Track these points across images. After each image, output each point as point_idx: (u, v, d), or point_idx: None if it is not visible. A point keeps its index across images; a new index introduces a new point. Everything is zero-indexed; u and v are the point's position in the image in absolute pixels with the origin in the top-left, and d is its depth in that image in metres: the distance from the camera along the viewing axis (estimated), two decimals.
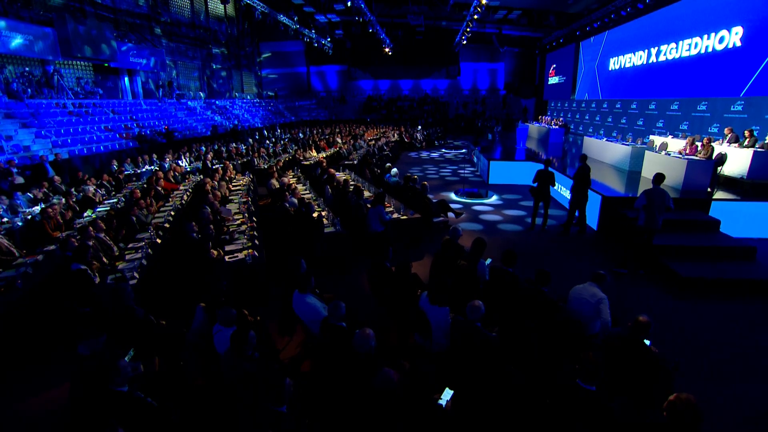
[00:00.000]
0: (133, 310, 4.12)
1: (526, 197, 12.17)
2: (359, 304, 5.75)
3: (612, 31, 19.46)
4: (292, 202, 8.52)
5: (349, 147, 18.51)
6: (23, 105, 14.97)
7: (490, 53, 36.62)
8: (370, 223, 7.60)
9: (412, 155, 21.86)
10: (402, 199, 9.05)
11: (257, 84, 35.30)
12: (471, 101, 37.18)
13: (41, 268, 5.81)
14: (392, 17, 30.23)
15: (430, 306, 4.09)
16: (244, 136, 22.12)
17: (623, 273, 6.82)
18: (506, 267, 4.79)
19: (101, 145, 14.89)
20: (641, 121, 17.10)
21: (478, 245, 5.18)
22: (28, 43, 16.01)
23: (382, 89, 39.22)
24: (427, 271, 6.20)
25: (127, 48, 20.03)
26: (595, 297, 4.07)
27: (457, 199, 12.16)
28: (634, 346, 3.31)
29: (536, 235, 9.04)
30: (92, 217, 7.40)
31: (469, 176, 15.87)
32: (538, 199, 9.18)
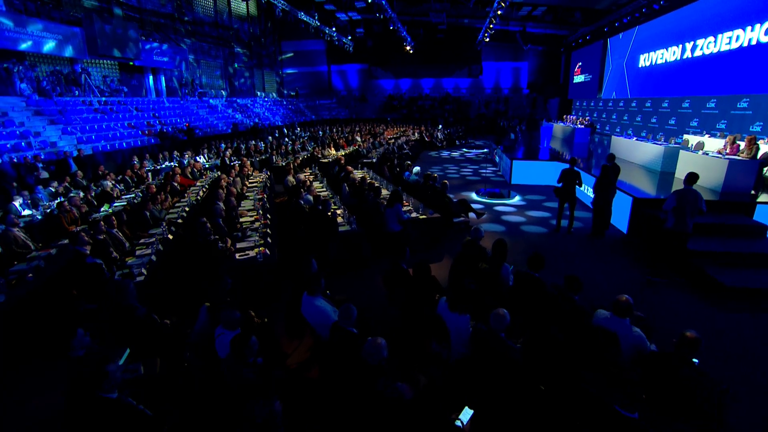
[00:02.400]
0: (134, 308, 3.92)
1: (551, 198, 11.64)
2: (373, 307, 5.44)
3: (643, 26, 18.58)
4: (307, 199, 8.28)
5: (368, 145, 18.24)
6: (52, 102, 15.27)
7: (513, 52, 35.80)
8: (387, 222, 7.29)
9: (432, 154, 21.46)
10: (421, 198, 8.71)
11: (278, 83, 35.45)
12: (493, 101, 36.43)
13: (54, 262, 5.72)
14: (413, 15, 29.85)
15: (450, 313, 3.75)
16: (263, 133, 22.13)
17: (662, 282, 6.28)
18: (532, 272, 4.40)
19: (124, 141, 15.06)
20: (673, 120, 16.25)
21: (501, 248, 4.80)
22: (58, 42, 16.33)
23: (402, 88, 38.84)
24: (446, 273, 5.85)
25: (151, 47, 20.27)
26: (629, 339, 3.33)
27: (478, 199, 11.73)
28: (682, 366, 2.89)
29: (561, 237, 8.56)
30: (108, 212, 7.32)
31: (491, 176, 15.38)
32: (563, 200, 8.71)
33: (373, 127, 27.17)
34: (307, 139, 20.77)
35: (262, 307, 5.23)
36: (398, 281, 4.74)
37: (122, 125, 16.20)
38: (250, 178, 11.48)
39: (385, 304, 5.35)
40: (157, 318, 4.19)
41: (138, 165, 11.91)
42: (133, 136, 15.86)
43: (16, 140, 12.62)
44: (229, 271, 5.38)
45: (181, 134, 17.42)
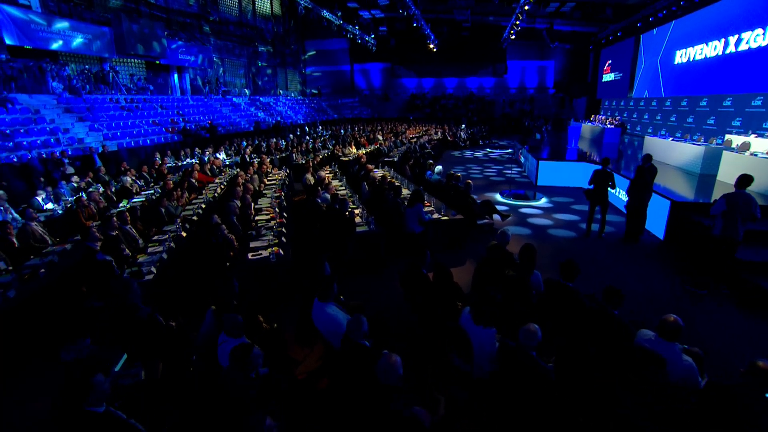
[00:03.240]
0: (137, 308, 3.70)
1: (579, 200, 11.06)
2: (391, 308, 5.11)
3: (680, 20, 17.59)
4: (325, 197, 8.02)
5: (390, 144, 17.91)
6: (81, 100, 15.55)
7: (540, 50, 34.84)
8: (407, 222, 6.95)
9: (455, 154, 20.97)
10: (443, 199, 8.32)
11: (301, 81, 35.49)
12: (518, 100, 35.52)
13: (68, 258, 5.61)
14: (437, 13, 29.32)
15: (474, 325, 3.38)
16: (285, 132, 22.08)
17: (702, 294, 5.72)
18: (565, 281, 3.98)
19: (148, 138, 15.18)
20: (712, 119, 15.28)
21: (530, 253, 4.39)
22: (87, 42, 16.63)
23: (425, 87, 38.34)
24: (468, 279, 5.47)
25: (176, 46, 20.48)
26: (677, 369, 2.88)
27: (502, 200, 11.25)
28: (752, 402, 2.44)
29: (592, 242, 8.03)
30: (126, 207, 7.23)
31: (516, 177, 14.82)
32: (594, 203, 8.17)
33: (395, 126, 26.82)
34: (328, 137, 20.60)
35: (273, 309, 4.98)
36: (417, 286, 4.39)
37: (147, 122, 16.36)
38: (268, 176, 11.31)
39: (403, 308, 5.01)
40: (162, 319, 3.96)
41: (159, 161, 11.90)
42: (157, 133, 15.99)
43: (46, 136, 12.86)
44: (241, 271, 5.16)
45: (203, 131, 17.49)
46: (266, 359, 3.47)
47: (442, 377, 3.52)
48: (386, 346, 3.80)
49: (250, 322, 3.81)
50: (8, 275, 4.96)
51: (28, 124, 12.95)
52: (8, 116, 12.83)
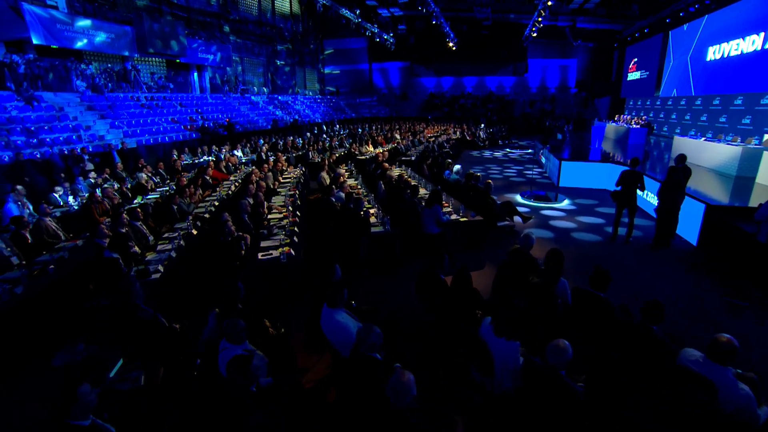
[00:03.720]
0: (138, 309, 3.53)
1: (604, 203, 10.57)
2: (404, 314, 4.83)
3: (714, 15, 16.73)
4: (339, 196, 7.79)
5: (407, 143, 17.62)
6: (103, 98, 15.75)
7: (561, 49, 34.01)
8: (424, 223, 6.67)
9: (473, 154, 20.54)
10: (462, 199, 8.00)
11: (320, 80, 35.47)
12: (539, 100, 34.73)
13: (78, 254, 5.53)
14: (457, 11, 28.86)
15: (495, 337, 3.08)
16: (302, 130, 22.02)
17: (744, 306, 5.27)
18: (596, 291, 3.64)
19: (166, 135, 15.28)
20: (748, 118, 14.47)
21: (556, 259, 4.06)
22: (110, 41, 16.83)
23: (444, 87, 37.89)
24: (488, 283, 5.16)
25: (196, 44, 20.61)
26: (731, 397, 2.48)
27: (523, 201, 10.84)
28: None
29: (618, 247, 7.59)
30: (138, 204, 7.15)
31: (537, 178, 14.34)
32: (621, 206, 7.72)
33: (413, 125, 26.48)
34: (345, 135, 20.43)
35: (282, 309, 4.76)
36: (433, 291, 4.11)
37: (166, 120, 16.48)
38: (283, 174, 11.17)
39: (417, 311, 4.74)
40: (165, 321, 3.79)
41: (176, 158, 11.91)
42: (176, 131, 16.09)
43: (69, 133, 13.03)
44: (250, 271, 4.97)
45: (221, 129, 17.52)
46: (271, 367, 3.26)
47: (460, 394, 3.23)
48: (398, 347, 3.56)
49: (255, 327, 3.60)
50: (19, 270, 4.88)
51: (52, 122, 13.14)
52: (34, 114, 13.04)
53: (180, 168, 10.83)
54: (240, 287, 3.55)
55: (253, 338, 3.44)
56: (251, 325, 3.58)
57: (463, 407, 2.88)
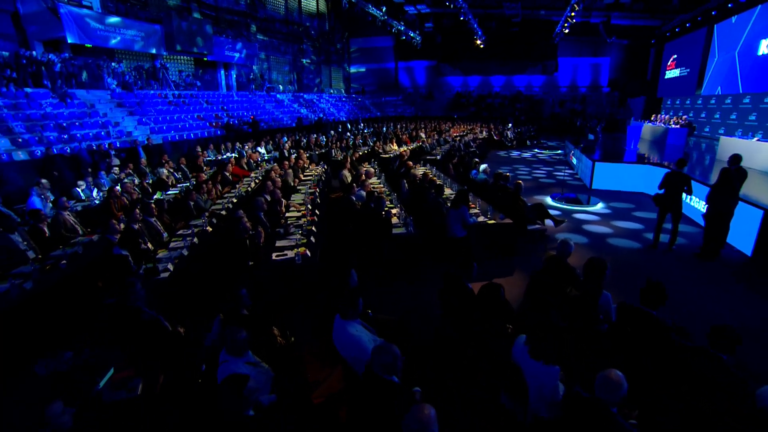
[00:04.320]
0: (140, 312, 3.27)
1: (641, 207, 9.87)
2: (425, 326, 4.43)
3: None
4: (360, 195, 7.45)
5: (432, 142, 17.16)
6: (132, 95, 15.99)
7: (594, 47, 32.65)
8: (450, 225, 6.25)
9: (501, 154, 19.87)
10: (490, 200, 7.52)
11: (345, 79, 35.34)
12: (569, 99, 33.49)
13: (92, 249, 5.39)
14: (486, 8, 28.12)
15: (530, 360, 2.66)
16: (326, 128, 21.86)
17: None
18: (647, 308, 3.15)
19: (192, 132, 15.35)
20: None
21: (599, 268, 3.57)
22: (140, 39, 17.10)
23: (471, 86, 37.08)
24: (517, 293, 4.71)
25: (223, 42, 20.74)
26: None
27: (553, 204, 10.23)
28: None
29: (660, 256, 6.94)
30: (153, 200, 7.01)
31: (568, 179, 13.63)
32: (664, 210, 7.07)
33: (438, 124, 25.95)
34: (369, 134, 20.13)
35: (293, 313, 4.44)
36: (458, 302, 3.69)
37: (192, 117, 16.59)
38: (305, 171, 10.93)
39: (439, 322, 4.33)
40: (168, 324, 3.53)
41: (200, 154, 11.87)
42: (201, 128, 16.16)
43: (98, 129, 13.23)
44: (263, 272, 4.68)
45: (245, 126, 17.52)
46: (277, 382, 2.93)
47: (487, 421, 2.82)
48: (415, 362, 3.19)
49: (262, 335, 3.29)
50: (31, 265, 4.75)
51: (83, 118, 13.37)
52: (66, 110, 13.31)
53: (202, 164, 10.75)
54: (244, 294, 3.24)
55: (259, 348, 3.13)
56: (258, 333, 3.28)
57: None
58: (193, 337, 3.65)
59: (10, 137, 11.01)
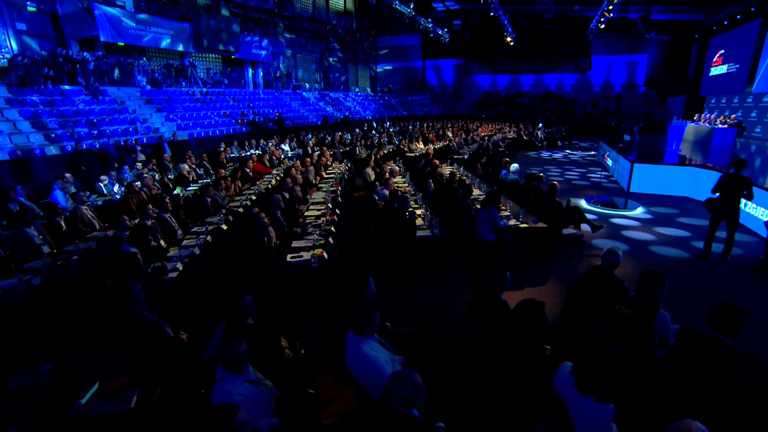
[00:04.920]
0: (139, 317, 3.00)
1: (686, 212, 9.12)
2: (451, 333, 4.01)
3: None
4: (383, 194, 7.08)
5: (460, 141, 16.63)
6: (161, 92, 16.18)
7: (630, 43, 31.15)
8: (478, 228, 5.81)
9: (531, 155, 19.12)
10: (521, 202, 7.01)
11: (372, 78, 35.08)
12: (602, 99, 32.10)
13: (105, 245, 5.23)
14: (517, 3, 27.23)
15: (577, 395, 2.21)
16: (351, 126, 21.63)
17: None
18: (716, 333, 2.64)
19: (217, 129, 15.39)
20: None
21: (655, 283, 3.07)
22: (170, 37, 17.27)
23: (500, 85, 36.12)
24: (552, 304, 4.23)
25: (251, 40, 20.80)
26: None
27: (588, 207, 9.58)
28: None
29: (713, 267, 6.26)
30: (177, 195, 6.85)
31: (603, 181, 12.87)
32: (718, 217, 6.38)
33: (466, 123, 25.32)
34: (395, 132, 19.76)
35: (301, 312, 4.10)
36: (489, 318, 3.26)
37: (218, 114, 16.66)
38: (328, 169, 10.65)
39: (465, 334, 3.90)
40: (170, 330, 3.25)
41: (223, 150, 11.79)
42: (227, 125, 16.20)
43: (126, 125, 13.40)
44: (276, 274, 4.37)
45: (270, 123, 17.47)
46: (282, 403, 2.59)
47: None
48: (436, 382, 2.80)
49: (269, 348, 2.96)
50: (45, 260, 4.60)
51: (113, 114, 13.57)
52: (98, 107, 13.54)
53: (224, 160, 10.64)
54: (249, 301, 2.92)
55: (264, 362, 2.80)
56: (263, 345, 2.95)
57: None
58: (197, 344, 3.36)
59: (44, 132, 11.23)
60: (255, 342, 2.91)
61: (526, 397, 2.56)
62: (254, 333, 2.91)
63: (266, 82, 23.11)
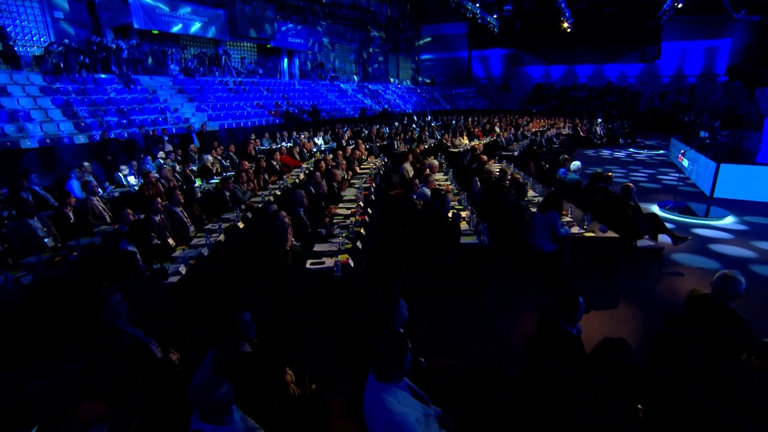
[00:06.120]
0: (119, 333, 2.56)
1: None
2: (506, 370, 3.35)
3: None
4: (423, 192, 6.45)
5: (509, 136, 15.68)
6: (193, 82, 16.34)
7: (708, 27, 28.53)
8: (534, 235, 5.09)
9: (588, 153, 17.84)
10: (586, 206, 6.18)
11: (414, 69, 34.42)
12: (673, 90, 29.69)
13: (111, 241, 4.94)
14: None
15: None
16: (390, 120, 21.12)
17: None
18: None
19: (249, 120, 15.34)
20: None
21: None
22: (204, 24, 17.42)
23: (553, 76, 34.39)
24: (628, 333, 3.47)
25: (286, 28, 20.73)
26: None
27: (663, 215, 8.50)
28: None
29: None
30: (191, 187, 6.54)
31: (678, 185, 11.57)
32: None
33: (515, 118, 24.17)
34: (437, 126, 19.05)
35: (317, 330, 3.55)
36: (556, 357, 2.57)
37: (251, 105, 16.64)
38: (362, 164, 10.15)
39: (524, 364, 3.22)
40: (158, 350, 2.80)
41: (253, 141, 11.58)
42: (259, 116, 16.13)
43: (156, 115, 13.55)
44: (293, 283, 3.87)
45: (305, 115, 17.26)
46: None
47: None
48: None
49: (270, 381, 2.42)
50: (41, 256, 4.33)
51: (144, 103, 13.77)
52: (129, 95, 13.79)
53: (253, 152, 10.37)
54: (247, 320, 2.40)
55: (262, 402, 2.27)
56: (263, 377, 2.41)
57: None
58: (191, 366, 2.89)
59: (74, 121, 11.47)
60: (252, 375, 2.40)
61: None
62: (252, 363, 2.39)
63: (302, 72, 23.03)
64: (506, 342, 4.09)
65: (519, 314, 4.56)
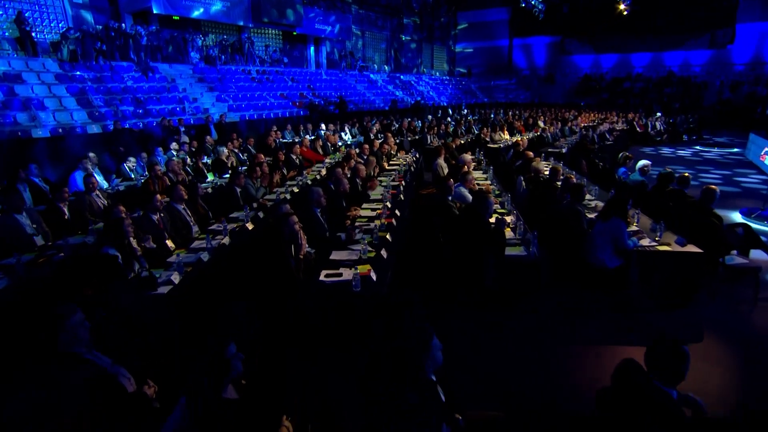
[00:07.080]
0: (74, 363, 2.15)
1: None
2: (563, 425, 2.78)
3: None
4: (460, 193, 5.90)
5: (555, 131, 14.83)
6: (214, 70, 16.31)
7: None
8: (594, 247, 4.45)
9: (646, 151, 16.71)
10: (655, 213, 5.46)
11: (449, 59, 33.71)
12: (748, 81, 27.57)
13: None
14: None
15: None
16: (423, 113, 20.57)
17: None
18: None
19: (272, 111, 15.15)
20: None
21: None
22: (226, 9, 17.35)
23: (604, 66, 32.85)
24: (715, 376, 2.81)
25: (314, 14, 20.51)
26: None
27: (748, 224, 7.58)
28: None
29: None
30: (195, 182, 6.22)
31: (762, 188, 10.50)
32: None
33: (561, 112, 23.11)
34: (474, 120, 18.34)
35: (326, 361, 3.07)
36: (651, 422, 1.97)
37: (274, 95, 16.46)
38: (391, 159, 9.65)
39: None
40: (131, 381, 2.38)
41: (273, 133, 11.30)
42: (283, 107, 15.93)
43: (174, 105, 13.50)
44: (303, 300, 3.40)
45: (332, 107, 16.94)
46: None
47: None
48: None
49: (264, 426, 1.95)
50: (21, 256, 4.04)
51: (162, 93, 13.76)
52: (146, 84, 13.81)
53: (273, 144, 10.05)
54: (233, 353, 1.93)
55: None
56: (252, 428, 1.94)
57: None
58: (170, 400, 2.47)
59: (88, 110, 11.49)
60: (240, 424, 1.93)
61: None
62: (237, 414, 1.92)
63: (330, 61, 22.78)
64: (562, 381, 3.49)
65: (576, 346, 3.95)
